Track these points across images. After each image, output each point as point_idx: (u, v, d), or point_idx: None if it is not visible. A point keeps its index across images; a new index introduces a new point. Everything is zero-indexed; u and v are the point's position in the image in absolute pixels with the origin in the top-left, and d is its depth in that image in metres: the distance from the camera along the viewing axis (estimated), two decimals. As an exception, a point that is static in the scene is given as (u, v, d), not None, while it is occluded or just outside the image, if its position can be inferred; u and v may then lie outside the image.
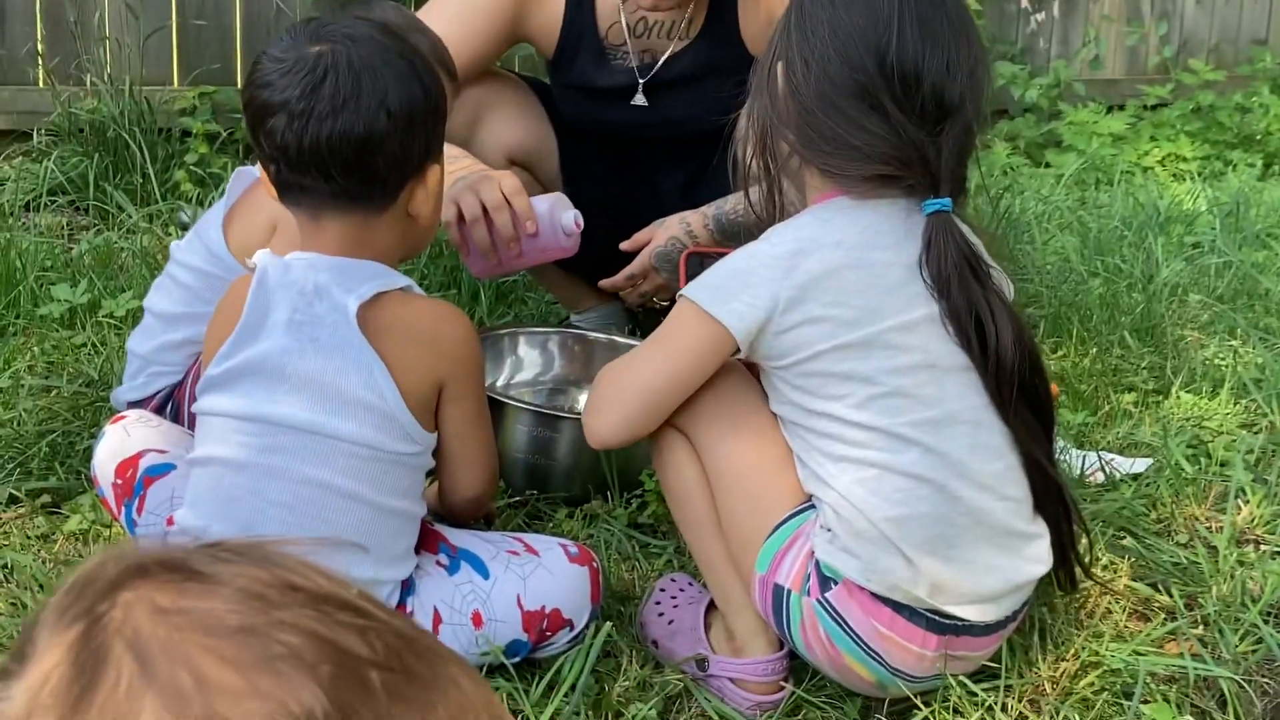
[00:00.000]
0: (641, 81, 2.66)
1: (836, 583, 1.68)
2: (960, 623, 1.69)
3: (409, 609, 1.77)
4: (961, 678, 1.74)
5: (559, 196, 2.31)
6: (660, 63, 2.65)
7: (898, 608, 1.67)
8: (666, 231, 2.44)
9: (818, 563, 1.69)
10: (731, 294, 1.70)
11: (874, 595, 1.66)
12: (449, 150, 2.33)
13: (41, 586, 1.88)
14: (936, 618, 1.68)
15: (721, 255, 2.13)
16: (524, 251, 2.27)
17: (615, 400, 1.79)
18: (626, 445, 1.86)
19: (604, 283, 2.44)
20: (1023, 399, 1.70)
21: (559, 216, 2.26)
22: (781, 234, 1.73)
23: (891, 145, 1.67)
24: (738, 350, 1.71)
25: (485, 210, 2.23)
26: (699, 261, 2.02)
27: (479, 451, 1.88)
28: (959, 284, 1.67)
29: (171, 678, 0.59)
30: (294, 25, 1.81)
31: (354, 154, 1.71)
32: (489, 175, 2.28)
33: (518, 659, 1.80)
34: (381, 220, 1.78)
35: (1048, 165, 5.13)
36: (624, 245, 2.43)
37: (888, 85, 1.67)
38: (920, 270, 1.68)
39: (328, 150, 1.70)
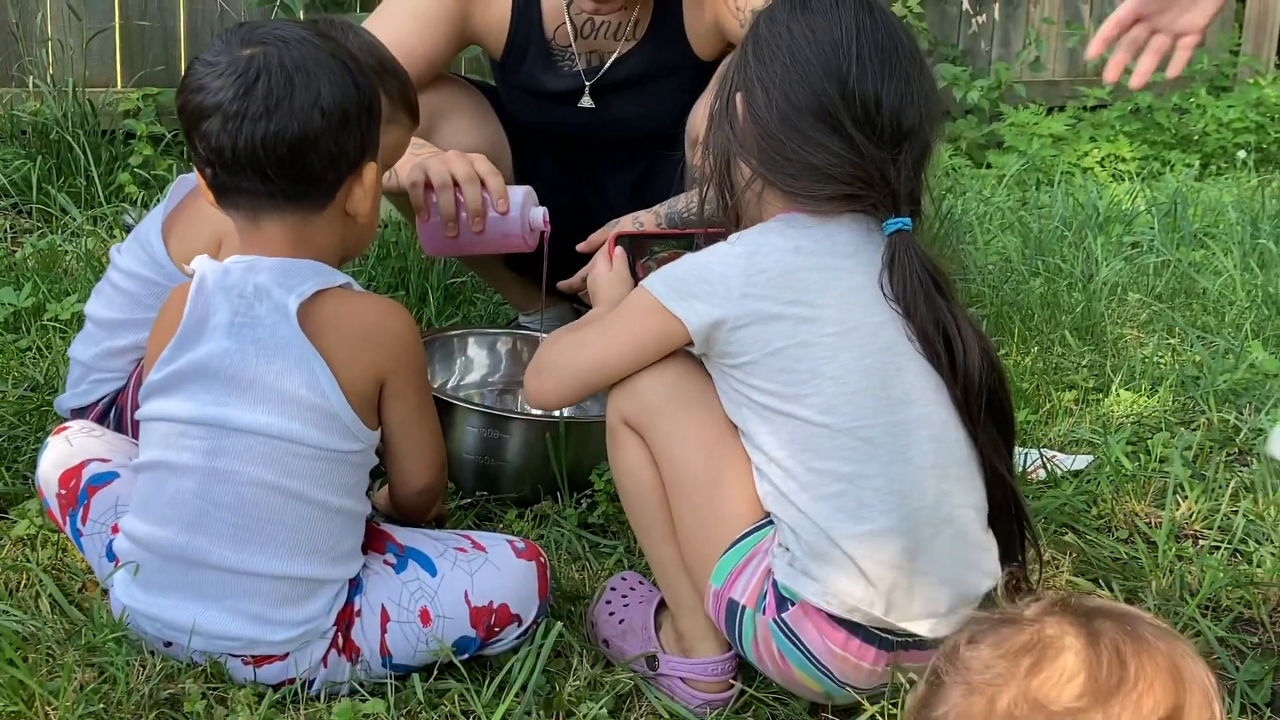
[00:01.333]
0: (588, 84, 2.68)
1: (793, 603, 1.69)
2: (911, 639, 1.70)
3: (357, 608, 1.78)
4: (912, 675, 1.76)
5: (530, 191, 2.32)
6: (607, 65, 2.66)
7: (854, 628, 1.68)
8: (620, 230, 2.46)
9: (775, 582, 1.70)
10: (689, 290, 1.72)
11: (830, 616, 1.67)
12: (413, 141, 2.34)
13: (-11, 592, 1.87)
14: (890, 636, 1.69)
15: (649, 237, 2.15)
16: (486, 231, 2.27)
17: (557, 372, 1.84)
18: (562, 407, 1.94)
19: (563, 284, 2.46)
20: (988, 411, 1.73)
21: (528, 209, 2.27)
22: (743, 237, 1.75)
23: (853, 165, 1.69)
24: (690, 344, 1.73)
25: (455, 183, 2.24)
26: (628, 243, 2.04)
27: (424, 443, 1.89)
28: (925, 300, 1.69)
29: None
30: (226, 31, 1.81)
31: (289, 153, 1.72)
32: (462, 154, 2.29)
33: (466, 656, 1.81)
34: (320, 219, 1.79)
35: (989, 166, 5.19)
36: (580, 246, 2.44)
37: (848, 109, 1.69)
38: (881, 286, 1.70)
39: (263, 150, 1.71)
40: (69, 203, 3.68)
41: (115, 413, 2.18)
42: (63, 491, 1.95)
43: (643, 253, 2.14)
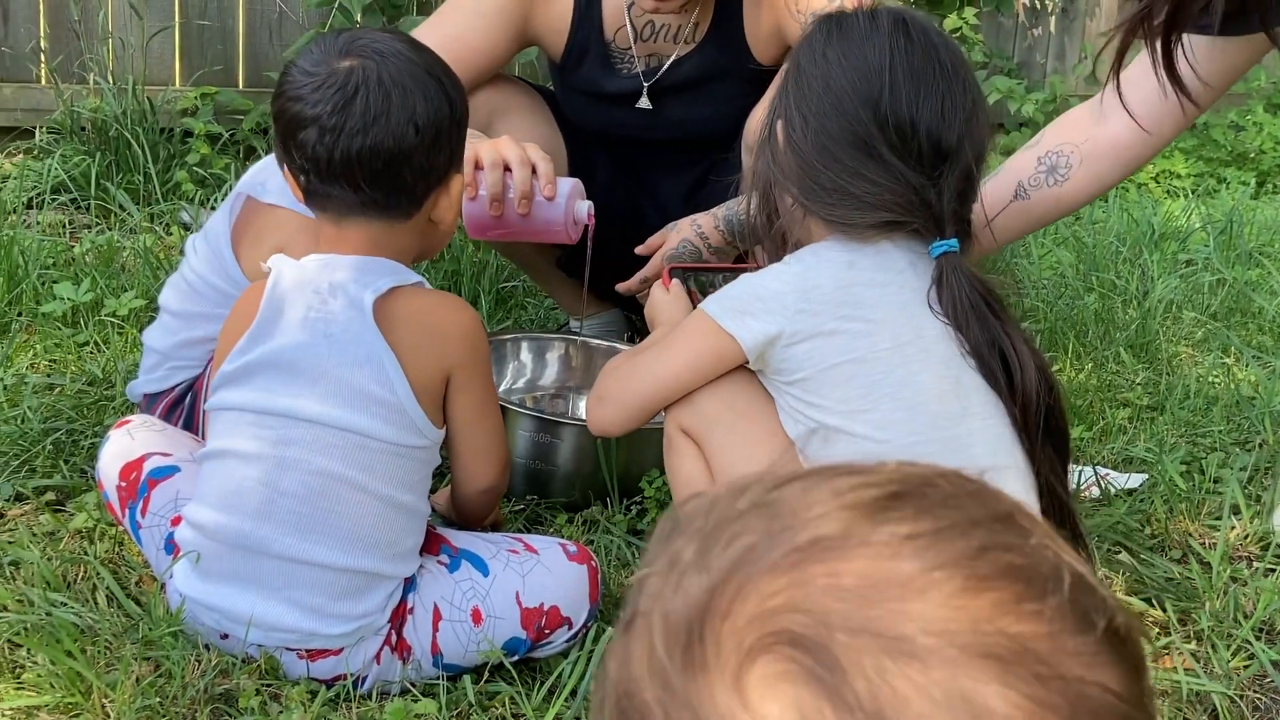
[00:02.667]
0: (646, 85, 2.68)
1: None
2: None
3: (410, 605, 1.79)
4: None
5: (578, 183, 2.31)
6: (665, 66, 2.67)
7: None
8: (679, 234, 2.47)
9: None
10: (744, 307, 1.73)
11: None
12: (470, 133, 2.35)
13: (48, 584, 1.89)
14: None
15: (704, 269, 2.16)
16: (531, 215, 2.26)
17: (617, 400, 1.86)
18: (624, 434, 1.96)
19: (620, 286, 2.47)
20: (1045, 430, 1.72)
21: (574, 200, 2.27)
22: (797, 255, 1.76)
23: (892, 191, 1.69)
24: (746, 362, 1.74)
25: (506, 166, 2.23)
26: (683, 275, 2.05)
27: (489, 440, 1.91)
28: (977, 321, 1.69)
29: None
30: (323, 38, 1.83)
31: (383, 167, 1.76)
32: (515, 140, 2.29)
33: (516, 657, 1.82)
34: (404, 226, 1.83)
35: (1043, 180, 5.15)
36: (639, 249, 2.45)
37: (883, 134, 1.69)
38: (929, 303, 1.70)
39: (357, 164, 1.75)
40: (127, 199, 3.71)
41: (190, 399, 2.20)
42: (123, 484, 1.98)
43: (698, 284, 2.14)
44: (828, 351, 1.69)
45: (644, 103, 2.70)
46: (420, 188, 1.81)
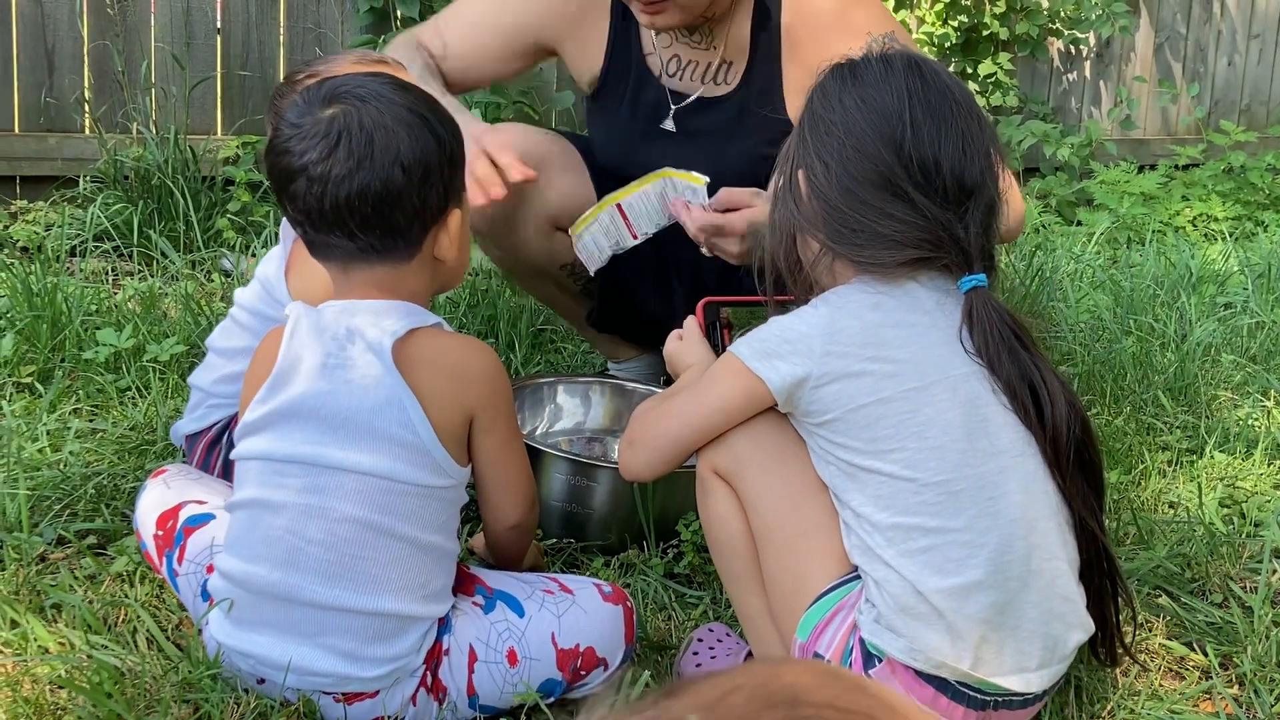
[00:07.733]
0: (674, 107, 2.64)
1: (880, 660, 1.68)
2: (999, 697, 1.69)
3: (445, 647, 1.79)
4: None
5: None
6: (692, 97, 2.63)
7: (941, 686, 1.67)
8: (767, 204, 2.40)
9: (861, 639, 1.70)
10: (772, 350, 1.74)
11: (917, 673, 1.67)
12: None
13: (89, 626, 1.91)
14: (977, 695, 1.68)
15: (737, 303, 2.16)
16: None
17: (648, 444, 1.87)
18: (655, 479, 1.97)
19: (695, 222, 2.30)
20: (1076, 464, 1.72)
21: None
22: (824, 297, 1.77)
23: (919, 229, 1.71)
24: (775, 404, 1.75)
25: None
26: (715, 310, 2.06)
27: (514, 479, 1.91)
28: (1008, 354, 1.69)
29: None
30: (307, 89, 1.84)
31: (373, 211, 1.76)
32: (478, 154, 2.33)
33: (552, 699, 1.82)
34: (408, 268, 1.83)
35: (1079, 223, 5.15)
36: (716, 200, 2.30)
37: (908, 173, 1.71)
38: (961, 341, 1.71)
39: (347, 210, 1.76)
40: (168, 246, 3.76)
41: (227, 439, 2.22)
42: (159, 533, 1.99)
43: (725, 319, 2.13)
44: (855, 393, 1.70)
45: (669, 124, 2.65)
46: (415, 228, 1.81)
